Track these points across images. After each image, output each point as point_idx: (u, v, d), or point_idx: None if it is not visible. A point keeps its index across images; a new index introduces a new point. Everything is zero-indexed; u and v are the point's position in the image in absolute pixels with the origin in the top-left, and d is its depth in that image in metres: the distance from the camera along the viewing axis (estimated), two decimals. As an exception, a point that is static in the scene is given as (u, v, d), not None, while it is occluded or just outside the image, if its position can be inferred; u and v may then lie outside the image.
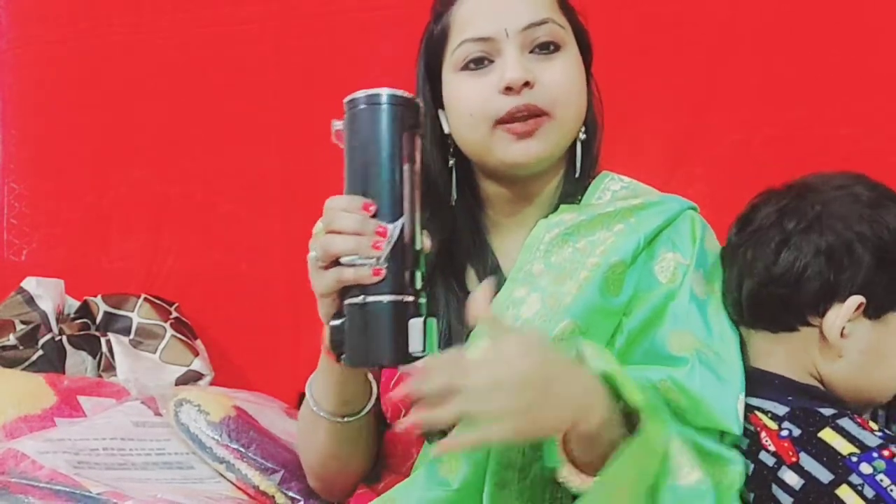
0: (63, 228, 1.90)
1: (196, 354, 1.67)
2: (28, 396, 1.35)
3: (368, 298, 0.88)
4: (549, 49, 1.07)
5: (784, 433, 0.97)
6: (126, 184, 1.86)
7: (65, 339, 1.61)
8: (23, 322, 1.62)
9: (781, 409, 0.99)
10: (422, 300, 0.90)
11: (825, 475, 0.92)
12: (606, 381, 0.89)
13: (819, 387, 1.03)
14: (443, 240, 1.10)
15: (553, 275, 1.04)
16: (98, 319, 1.69)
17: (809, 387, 1.02)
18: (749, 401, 1.00)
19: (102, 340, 1.62)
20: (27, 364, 1.55)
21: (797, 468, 0.94)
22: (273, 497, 1.20)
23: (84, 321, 1.69)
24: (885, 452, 0.92)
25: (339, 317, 0.92)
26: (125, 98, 1.85)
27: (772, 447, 0.97)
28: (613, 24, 1.55)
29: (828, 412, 0.97)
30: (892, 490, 0.89)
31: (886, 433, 0.95)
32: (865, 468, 0.91)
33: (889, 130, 1.48)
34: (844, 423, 0.95)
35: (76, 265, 1.85)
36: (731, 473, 0.95)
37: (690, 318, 1.02)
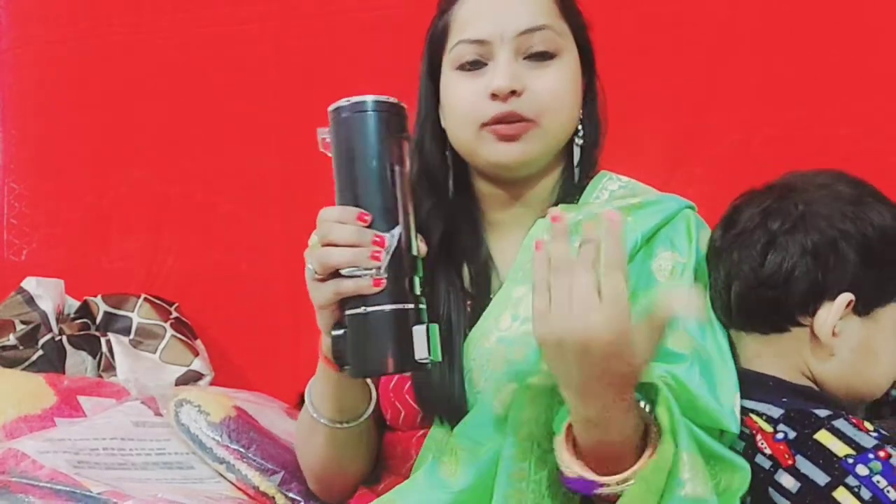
0: (63, 228, 1.90)
1: (196, 354, 1.67)
2: (28, 396, 1.35)
3: (370, 308, 0.88)
4: (544, 56, 1.06)
5: (779, 436, 0.96)
6: (126, 184, 1.86)
7: (65, 339, 1.61)
8: (23, 322, 1.62)
9: (776, 412, 0.99)
10: (422, 306, 0.90)
11: (821, 478, 0.92)
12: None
13: (812, 387, 1.03)
14: (443, 233, 1.10)
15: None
16: (98, 319, 1.69)
17: (803, 387, 1.02)
18: (744, 403, 1.00)
19: (102, 340, 1.62)
20: (27, 364, 1.55)
21: (793, 471, 0.94)
22: (273, 498, 1.20)
23: (84, 321, 1.69)
24: (881, 453, 0.91)
25: (340, 327, 0.92)
26: (125, 98, 1.85)
27: (767, 450, 0.97)
28: (613, 24, 1.55)
29: (823, 413, 0.96)
30: (889, 491, 0.89)
31: (882, 433, 0.94)
32: (862, 470, 0.91)
33: (889, 130, 1.48)
34: (840, 425, 0.95)
35: (76, 265, 1.85)
36: (739, 479, 0.94)
37: (687, 319, 1.00)
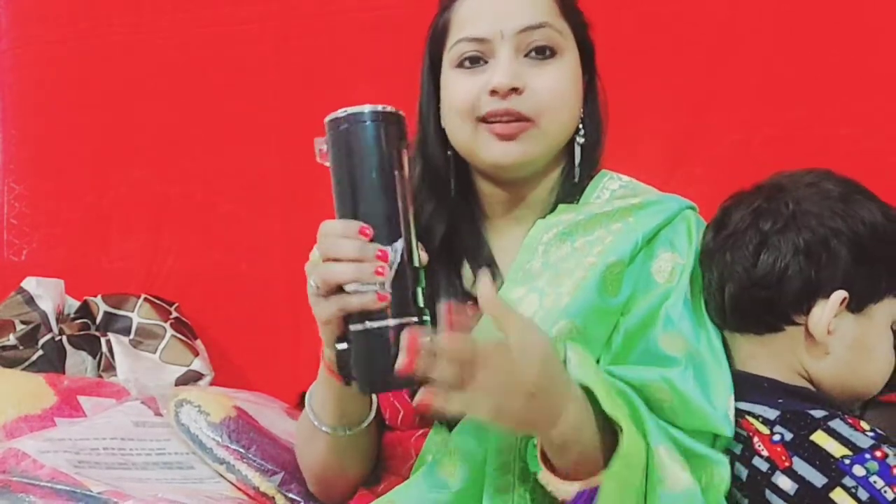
0: (63, 228, 1.90)
1: (196, 354, 1.67)
2: (28, 396, 1.35)
3: (374, 324, 0.86)
4: (545, 54, 1.06)
5: (776, 437, 0.96)
6: (126, 184, 1.86)
7: (65, 339, 1.61)
8: (23, 322, 1.62)
9: (772, 413, 0.98)
10: (426, 318, 0.89)
11: (819, 479, 0.92)
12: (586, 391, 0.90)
13: (808, 387, 1.02)
14: (444, 234, 1.10)
15: (551, 274, 1.04)
16: (98, 319, 1.70)
17: (799, 388, 1.02)
18: (739, 405, 1.00)
19: (102, 340, 1.62)
20: (27, 364, 1.55)
21: (790, 473, 0.94)
22: (273, 498, 1.20)
23: (84, 321, 1.69)
24: (878, 453, 0.91)
25: (344, 340, 0.90)
26: (125, 98, 1.86)
27: (765, 452, 0.96)
28: (613, 24, 1.55)
29: (819, 414, 0.96)
30: (886, 491, 0.89)
31: (878, 433, 0.94)
32: (858, 470, 0.90)
33: (889, 130, 1.48)
34: (836, 425, 0.94)
35: (76, 265, 1.85)
36: (718, 475, 0.94)
37: (682, 321, 1.01)
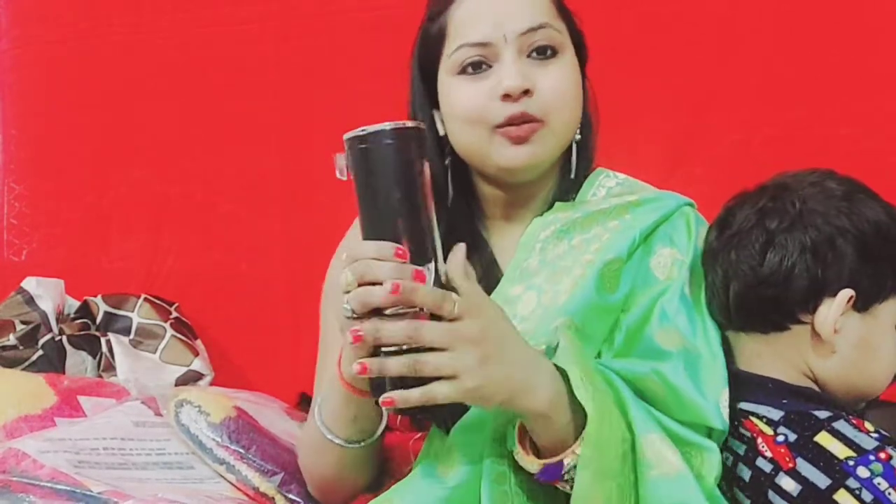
0: (63, 228, 1.89)
1: (196, 354, 1.67)
2: (28, 396, 1.34)
3: (411, 347, 0.85)
4: (547, 54, 1.06)
5: (780, 438, 0.96)
6: (126, 184, 1.86)
7: (65, 339, 1.61)
8: (23, 322, 1.62)
9: (776, 414, 0.98)
10: None
11: (822, 480, 0.92)
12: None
13: (813, 387, 1.03)
14: (442, 239, 1.10)
15: (549, 272, 1.04)
16: (98, 319, 1.69)
17: (803, 388, 1.02)
18: (743, 406, 1.00)
19: (102, 340, 1.62)
20: (27, 364, 1.55)
21: (794, 474, 0.94)
22: (273, 499, 1.20)
23: (84, 321, 1.69)
24: (882, 455, 0.91)
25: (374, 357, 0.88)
26: (125, 98, 1.85)
27: (768, 453, 0.96)
28: (613, 24, 1.55)
29: (823, 415, 0.96)
30: (890, 493, 0.89)
31: (882, 434, 0.94)
32: (863, 472, 0.90)
33: (889, 130, 1.48)
34: (840, 426, 0.94)
35: (76, 265, 1.85)
36: (709, 461, 0.94)
37: (678, 316, 1.01)
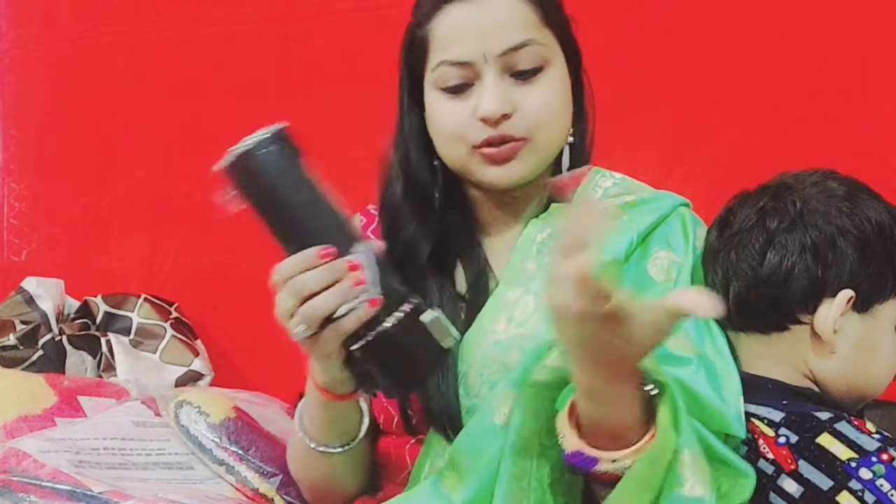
0: (63, 228, 1.89)
1: (196, 354, 1.67)
2: (28, 396, 1.34)
3: (376, 331, 0.85)
4: (531, 72, 1.04)
5: (781, 440, 0.96)
6: (126, 184, 1.86)
7: (65, 339, 1.60)
8: (23, 322, 1.62)
9: (777, 415, 0.98)
10: (415, 299, 0.88)
11: (825, 482, 0.91)
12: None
13: (813, 388, 1.02)
14: (433, 246, 1.09)
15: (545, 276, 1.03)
16: (98, 319, 1.69)
17: (804, 389, 1.02)
18: (745, 407, 0.99)
19: (102, 340, 1.62)
20: (27, 364, 1.55)
21: (796, 476, 0.93)
22: (272, 500, 1.20)
23: (84, 321, 1.68)
24: (884, 456, 0.91)
25: (352, 362, 0.89)
26: (125, 98, 1.85)
27: (770, 455, 0.96)
28: (613, 24, 1.55)
29: (824, 416, 0.96)
30: (893, 495, 0.89)
31: (884, 435, 0.94)
32: (865, 473, 0.90)
33: (889, 130, 1.48)
34: (842, 427, 0.94)
35: (76, 265, 1.84)
36: (741, 487, 0.91)
37: (686, 323, 0.98)
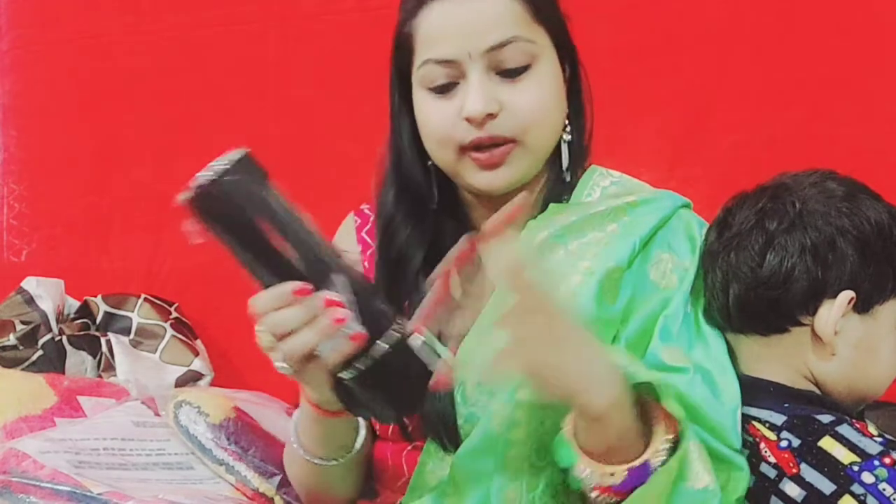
0: (63, 228, 1.89)
1: (196, 354, 1.67)
2: (28, 396, 1.34)
3: (366, 358, 0.83)
4: (518, 70, 1.01)
5: (783, 444, 0.95)
6: (126, 184, 1.86)
7: (65, 339, 1.60)
8: (23, 322, 1.62)
9: (779, 418, 0.97)
10: (399, 321, 0.85)
11: (827, 486, 0.91)
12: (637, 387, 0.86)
13: (814, 390, 1.02)
14: (427, 250, 1.08)
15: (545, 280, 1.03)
16: (98, 319, 1.69)
17: (805, 392, 1.01)
18: (745, 410, 0.99)
19: (102, 340, 1.62)
20: (27, 364, 1.55)
21: (798, 479, 0.93)
22: (272, 500, 1.20)
23: (84, 321, 1.68)
24: (887, 460, 0.91)
25: (340, 388, 0.87)
26: (125, 98, 1.85)
27: (772, 458, 0.96)
28: (613, 24, 1.55)
29: (826, 419, 0.96)
30: (895, 499, 0.88)
31: (886, 438, 0.94)
32: (867, 477, 0.90)
33: (889, 130, 1.48)
34: (844, 431, 0.94)
35: (76, 265, 1.85)
36: (738, 480, 0.92)
37: (682, 333, 0.99)
